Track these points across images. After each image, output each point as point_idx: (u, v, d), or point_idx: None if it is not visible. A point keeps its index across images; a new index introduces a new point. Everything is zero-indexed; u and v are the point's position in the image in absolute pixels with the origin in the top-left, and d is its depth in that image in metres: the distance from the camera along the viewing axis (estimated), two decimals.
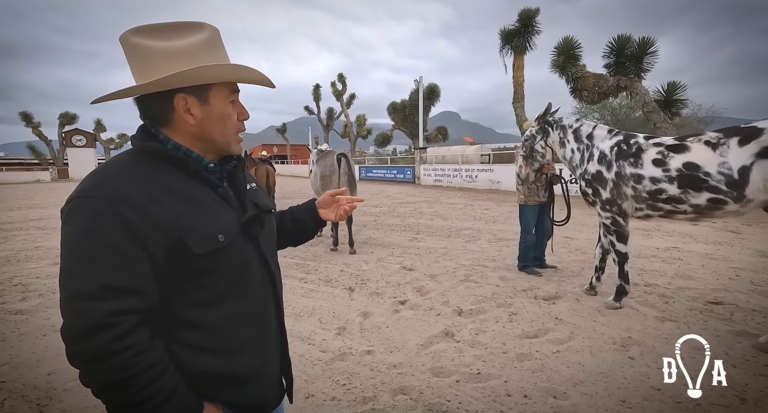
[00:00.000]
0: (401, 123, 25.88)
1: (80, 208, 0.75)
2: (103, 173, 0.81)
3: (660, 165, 2.83)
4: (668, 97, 14.65)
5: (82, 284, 0.71)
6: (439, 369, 2.48)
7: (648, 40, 13.91)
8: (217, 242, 0.83)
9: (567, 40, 15.42)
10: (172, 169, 0.84)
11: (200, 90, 0.84)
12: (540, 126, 3.62)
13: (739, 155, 2.46)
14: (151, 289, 0.77)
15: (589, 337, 2.82)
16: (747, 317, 3.10)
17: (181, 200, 0.82)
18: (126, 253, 0.73)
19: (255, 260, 0.93)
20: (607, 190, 3.12)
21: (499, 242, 5.96)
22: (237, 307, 0.88)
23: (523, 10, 17.44)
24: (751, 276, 4.11)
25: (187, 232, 0.79)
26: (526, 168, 3.69)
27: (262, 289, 0.94)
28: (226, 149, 0.92)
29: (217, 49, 0.87)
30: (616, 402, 2.09)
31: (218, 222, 0.85)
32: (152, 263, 0.76)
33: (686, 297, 3.54)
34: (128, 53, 0.83)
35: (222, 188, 0.90)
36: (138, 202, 0.76)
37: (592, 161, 3.21)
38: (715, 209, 2.63)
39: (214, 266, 0.83)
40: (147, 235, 0.75)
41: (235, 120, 0.90)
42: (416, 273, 4.48)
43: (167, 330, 0.82)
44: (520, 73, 17.72)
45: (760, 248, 5.31)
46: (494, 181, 14.70)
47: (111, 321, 0.71)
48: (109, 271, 0.72)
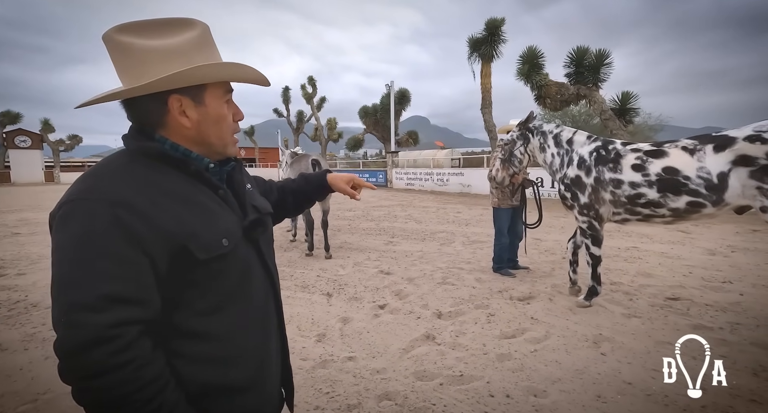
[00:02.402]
0: (373, 127, 25.97)
1: (75, 212, 0.69)
2: (98, 174, 0.75)
3: (639, 170, 2.93)
4: (623, 106, 15.62)
5: (79, 294, 0.66)
6: (423, 373, 2.49)
7: (604, 53, 14.83)
8: (222, 247, 0.80)
9: (531, 50, 16.11)
10: (172, 170, 0.80)
11: (195, 91, 0.80)
12: (521, 132, 3.73)
13: (717, 161, 2.59)
14: (154, 298, 0.72)
15: (564, 335, 2.93)
16: (701, 311, 3.34)
17: (183, 203, 0.78)
18: (127, 260, 0.69)
19: (257, 265, 0.90)
20: (585, 195, 3.23)
21: (473, 245, 6.09)
22: (240, 314, 0.85)
23: (489, 20, 18.05)
24: (702, 273, 4.44)
25: (190, 237, 0.75)
26: (503, 172, 3.79)
27: (264, 294, 0.92)
28: (223, 151, 0.88)
29: (210, 46, 0.83)
30: (592, 398, 2.18)
31: (221, 226, 0.82)
32: (154, 270, 0.72)
33: (648, 294, 3.76)
34: (114, 53, 0.78)
35: (223, 190, 0.87)
36: (139, 206, 0.71)
37: (571, 165, 3.33)
38: (693, 213, 2.75)
39: (217, 272, 0.80)
40: (149, 241, 0.71)
41: (230, 121, 0.88)
42: (394, 277, 4.49)
43: (165, 340, 0.77)
44: (487, 80, 18.30)
45: (708, 246, 5.75)
46: (465, 185, 15.04)
47: (112, 333, 0.66)
48: (109, 279, 0.67)
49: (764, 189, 2.37)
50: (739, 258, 5.04)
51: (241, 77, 0.86)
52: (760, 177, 2.39)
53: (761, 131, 2.43)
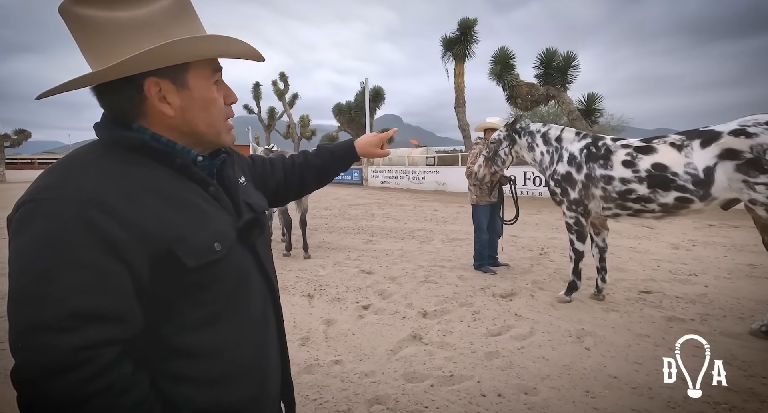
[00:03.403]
0: (347, 125, 25.73)
1: (36, 213, 0.57)
2: (64, 169, 0.63)
3: (629, 166, 2.98)
4: (588, 107, 16.31)
5: (42, 312, 0.54)
6: (412, 375, 2.43)
7: (571, 55, 15.41)
8: (214, 252, 0.69)
9: (503, 51, 16.48)
10: (154, 164, 0.68)
11: (175, 72, 0.68)
12: (507, 133, 3.75)
13: (703, 156, 2.68)
14: (134, 312, 0.61)
15: (548, 331, 2.97)
16: (673, 303, 3.49)
17: (167, 201, 0.66)
18: (100, 268, 0.57)
19: (254, 271, 0.80)
20: (575, 191, 3.27)
21: (452, 243, 6.12)
22: (236, 327, 0.74)
23: (462, 20, 18.30)
24: (669, 266, 4.65)
25: (176, 240, 0.64)
26: (485, 169, 3.82)
27: (262, 303, 0.81)
28: (216, 140, 0.76)
29: (189, 16, 0.70)
30: (581, 393, 2.20)
31: (213, 227, 0.71)
32: (134, 280, 0.61)
33: (622, 288, 3.89)
34: (74, 29, 0.65)
35: (214, 186, 0.76)
36: (114, 204, 0.60)
37: (561, 162, 3.37)
38: (682, 208, 2.83)
39: (209, 280, 0.69)
40: (126, 245, 0.59)
41: (221, 105, 0.75)
42: (376, 276, 4.42)
43: (152, 360, 0.66)
44: (460, 80, 18.55)
45: (671, 241, 6.05)
46: (440, 183, 15.18)
47: (83, 357, 0.55)
48: (77, 293, 0.56)
49: (750, 182, 2.47)
50: (700, 251, 5.33)
51: (230, 53, 0.73)
52: (746, 170, 2.49)
53: (746, 126, 2.53)
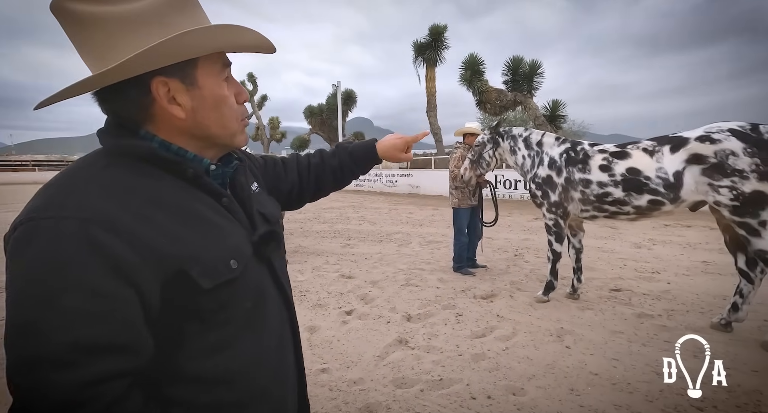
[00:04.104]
0: (319, 127, 25.46)
1: (36, 234, 0.52)
2: (65, 183, 0.57)
3: (606, 170, 3.13)
4: (553, 113, 17.08)
5: (42, 344, 0.49)
6: (401, 380, 2.41)
7: (536, 63, 16.10)
8: (230, 271, 0.64)
9: (472, 57, 16.95)
10: (163, 174, 0.63)
11: (184, 69, 0.62)
12: (491, 136, 3.86)
13: (673, 161, 2.85)
14: (143, 340, 0.56)
15: (530, 331, 3.04)
16: (641, 300, 3.68)
17: (178, 216, 0.61)
18: (106, 294, 0.52)
19: (270, 287, 0.75)
20: (555, 193, 3.39)
21: (429, 245, 6.17)
22: (253, 349, 0.69)
23: (433, 26, 18.66)
24: (634, 265, 4.91)
25: (189, 260, 0.59)
26: (470, 172, 3.91)
27: (279, 322, 0.76)
28: (230, 142, 0.71)
29: (192, 6, 0.64)
30: (566, 391, 2.26)
31: (227, 243, 0.66)
32: (144, 306, 0.55)
33: (594, 287, 4.07)
34: (69, 27, 0.59)
35: (227, 198, 0.70)
36: (121, 222, 0.54)
37: (542, 166, 3.49)
38: (654, 210, 2.99)
39: (225, 301, 0.64)
40: (135, 267, 0.54)
41: (233, 104, 0.69)
42: (357, 281, 4.37)
43: (162, 388, 0.60)
44: (432, 84, 18.87)
45: (633, 240, 6.41)
46: (413, 186, 15.31)
47: (89, 394, 0.49)
48: (82, 321, 0.50)
49: (714, 185, 2.65)
50: (660, 250, 5.68)
51: (242, 45, 0.67)
52: (711, 174, 2.67)
53: (711, 132, 2.72)
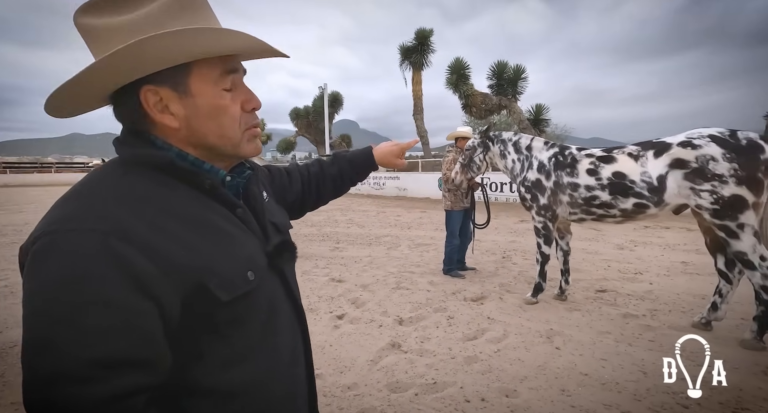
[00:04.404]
0: (305, 129, 25.31)
1: (57, 247, 0.50)
2: (85, 195, 0.56)
3: (593, 174, 3.21)
4: (537, 117, 17.45)
5: (63, 360, 0.47)
6: (395, 385, 2.41)
7: (520, 68, 16.44)
8: (247, 283, 0.63)
9: (458, 61, 17.19)
10: (179, 184, 0.62)
11: (175, 76, 0.60)
12: (482, 140, 3.92)
13: (656, 165, 2.94)
14: (163, 355, 0.55)
15: (520, 333, 3.09)
16: (626, 301, 3.78)
17: (196, 228, 0.60)
18: (127, 308, 0.51)
19: (283, 300, 0.74)
20: (545, 197, 3.47)
21: (418, 248, 6.19)
22: (267, 362, 0.68)
23: (419, 30, 18.85)
24: (617, 266, 5.04)
25: (208, 272, 0.59)
26: (461, 175, 3.97)
27: (291, 334, 0.76)
28: (234, 152, 0.68)
29: (192, 10, 0.60)
30: (558, 392, 2.30)
31: (244, 254, 0.65)
32: (163, 319, 0.54)
33: (581, 288, 4.16)
34: (85, 40, 0.60)
35: (241, 208, 0.69)
36: (140, 235, 0.53)
37: (531, 169, 3.56)
38: (639, 213, 3.08)
39: (242, 313, 0.63)
40: (155, 280, 0.53)
41: (235, 112, 0.65)
42: (347, 284, 4.35)
43: (177, 402, 0.59)
44: (418, 88, 19.04)
45: (616, 242, 6.57)
46: (401, 188, 15.36)
47: (111, 411, 0.49)
48: (103, 336, 0.49)
49: (696, 189, 2.75)
50: (641, 251, 5.84)
51: (231, 47, 0.61)
52: (692, 178, 2.77)
53: (692, 138, 2.82)
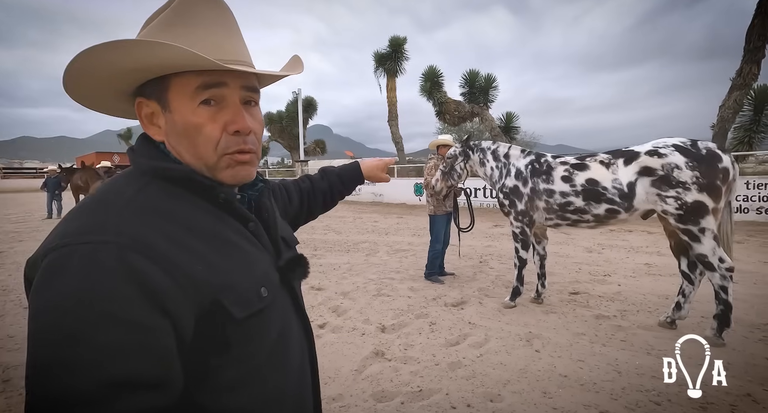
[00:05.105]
0: (278, 135, 24.92)
1: (71, 260, 0.47)
2: (103, 207, 0.53)
3: (568, 181, 3.34)
4: (507, 125, 18.06)
5: (75, 381, 0.44)
6: (381, 394, 2.39)
7: (491, 77, 16.98)
8: (261, 299, 0.62)
9: (431, 69, 17.54)
10: (193, 197, 0.60)
11: (158, 91, 0.61)
12: (462, 149, 4.03)
13: (626, 172, 3.09)
14: (177, 376, 0.52)
15: (501, 337, 3.14)
16: (597, 302, 3.94)
17: (211, 243, 0.58)
18: (144, 326, 0.48)
19: (293, 316, 0.72)
20: (522, 202, 3.57)
21: (397, 254, 6.21)
22: (276, 382, 0.65)
23: (392, 37, 19.08)
24: (588, 269, 5.26)
25: (224, 289, 0.57)
26: (442, 183, 4.04)
27: (300, 351, 0.73)
28: (210, 175, 0.63)
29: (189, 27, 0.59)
30: (540, 395, 2.36)
31: (258, 270, 0.64)
32: (177, 337, 0.52)
33: (555, 291, 4.30)
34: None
35: (254, 222, 0.68)
36: (158, 248, 0.51)
37: (509, 176, 3.67)
38: (611, 218, 3.22)
39: (254, 332, 0.61)
40: (172, 297, 0.51)
41: (212, 132, 0.60)
42: (327, 292, 4.29)
43: None
44: (393, 94, 19.22)
45: (585, 245, 6.86)
46: (377, 194, 15.38)
47: None
48: (117, 355, 0.46)
49: (662, 195, 2.92)
50: (609, 254, 6.13)
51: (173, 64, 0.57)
52: (659, 185, 2.94)
53: (658, 147, 3.00)
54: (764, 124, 11.64)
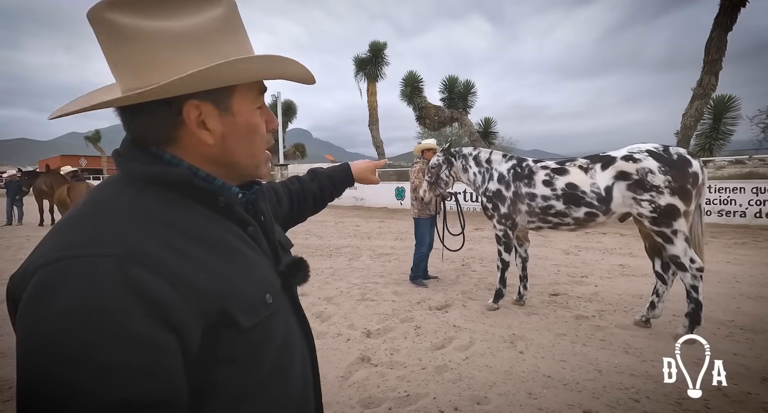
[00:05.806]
0: None
1: (66, 276, 0.44)
2: (96, 217, 0.50)
3: (548, 185, 3.43)
4: (486, 130, 18.43)
5: (78, 407, 0.41)
6: (369, 400, 2.36)
7: (470, 83, 17.31)
8: (267, 306, 0.60)
9: (411, 74, 17.72)
10: (192, 203, 0.58)
11: (219, 94, 0.59)
12: (445, 157, 4.08)
13: (604, 177, 3.20)
14: (182, 393, 0.49)
15: (485, 339, 3.18)
16: (576, 303, 4.04)
17: (213, 250, 0.56)
18: (149, 342, 0.45)
19: (294, 322, 0.71)
20: (505, 206, 3.64)
21: (380, 258, 6.19)
22: (281, 393, 0.63)
23: (373, 42, 19.18)
24: (566, 270, 5.40)
25: (230, 297, 0.54)
26: (430, 192, 4.10)
27: (302, 358, 0.71)
28: (254, 172, 0.68)
29: (237, 31, 0.62)
30: (525, 396, 2.39)
31: (260, 276, 0.62)
32: (183, 352, 0.49)
33: (536, 292, 4.39)
34: (105, 38, 0.54)
35: (253, 226, 0.66)
36: (159, 258, 0.49)
37: (492, 180, 3.74)
38: (590, 221, 3.31)
39: (259, 341, 0.59)
40: (177, 309, 0.48)
41: (264, 132, 0.67)
42: (310, 298, 4.22)
43: None
44: (373, 99, 19.29)
45: (562, 247, 7.05)
46: (358, 198, 15.34)
47: None
48: (123, 376, 0.43)
49: (637, 199, 3.04)
50: (585, 256, 6.31)
51: (284, 74, 0.65)
52: (634, 189, 3.06)
53: (633, 152, 3.12)
54: (722, 132, 12.37)
